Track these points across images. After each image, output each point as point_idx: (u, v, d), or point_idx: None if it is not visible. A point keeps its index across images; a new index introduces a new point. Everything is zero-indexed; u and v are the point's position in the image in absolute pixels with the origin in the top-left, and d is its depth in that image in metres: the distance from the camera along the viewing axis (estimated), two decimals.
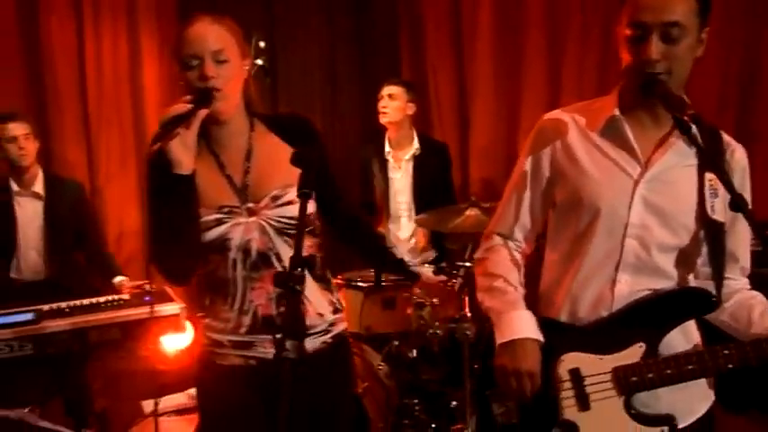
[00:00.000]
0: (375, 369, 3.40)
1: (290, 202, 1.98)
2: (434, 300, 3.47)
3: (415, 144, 4.23)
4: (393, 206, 4.21)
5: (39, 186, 3.84)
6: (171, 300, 3.49)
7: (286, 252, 1.99)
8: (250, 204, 1.98)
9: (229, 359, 2.05)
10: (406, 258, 2.52)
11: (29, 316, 3.23)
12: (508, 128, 4.83)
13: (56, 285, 3.78)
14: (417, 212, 4.09)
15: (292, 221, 1.98)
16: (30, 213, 3.81)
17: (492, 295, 1.97)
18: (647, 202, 1.81)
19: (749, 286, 1.94)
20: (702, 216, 1.80)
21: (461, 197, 4.67)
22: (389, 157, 4.23)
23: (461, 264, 3.45)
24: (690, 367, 1.77)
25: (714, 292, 1.83)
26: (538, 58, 4.67)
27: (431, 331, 3.43)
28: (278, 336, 1.40)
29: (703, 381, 1.89)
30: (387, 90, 4.20)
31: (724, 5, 4.07)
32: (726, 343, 1.77)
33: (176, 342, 4.14)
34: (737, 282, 1.92)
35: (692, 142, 1.77)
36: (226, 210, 1.96)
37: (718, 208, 1.80)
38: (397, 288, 3.49)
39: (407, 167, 4.21)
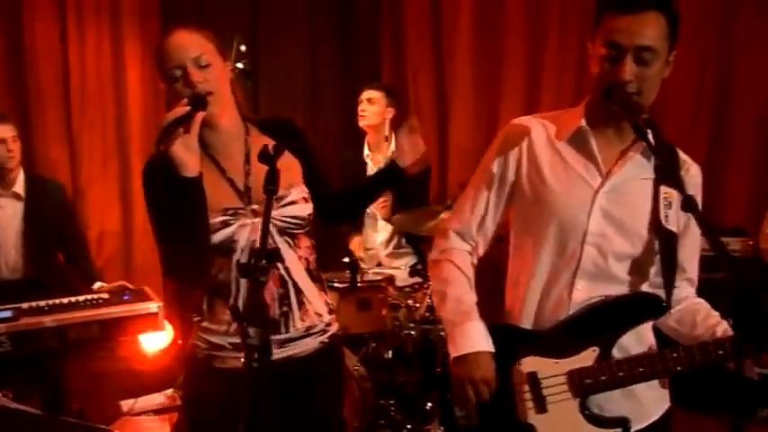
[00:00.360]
0: (351, 370, 3.44)
1: (293, 202, 2.05)
2: (409, 301, 3.53)
3: (393, 147, 4.28)
4: (371, 209, 4.26)
5: (19, 187, 3.86)
6: (149, 298, 3.51)
7: (287, 251, 2.05)
8: (254, 206, 2.02)
9: (229, 362, 2.05)
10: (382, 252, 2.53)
11: (7, 313, 3.24)
12: (487, 131, 4.89)
13: (36, 284, 3.79)
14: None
15: (296, 221, 2.06)
16: (9, 213, 3.83)
17: (445, 305, 2.01)
18: (605, 212, 1.88)
19: (694, 294, 2.02)
20: (656, 226, 1.86)
21: (440, 199, 4.74)
22: (368, 160, 4.29)
23: None
24: (641, 369, 1.83)
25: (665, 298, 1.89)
26: (517, 62, 4.75)
27: (405, 332, 3.49)
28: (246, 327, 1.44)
29: (658, 386, 1.95)
30: (366, 94, 4.26)
31: (698, 15, 4.17)
32: (675, 347, 1.83)
33: (155, 342, 4.19)
34: (684, 291, 1.99)
35: (649, 153, 1.85)
36: (230, 212, 2.00)
37: (672, 219, 1.87)
38: (372, 289, 3.54)
39: None
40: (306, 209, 2.10)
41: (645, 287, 1.94)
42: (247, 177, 2.05)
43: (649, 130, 1.75)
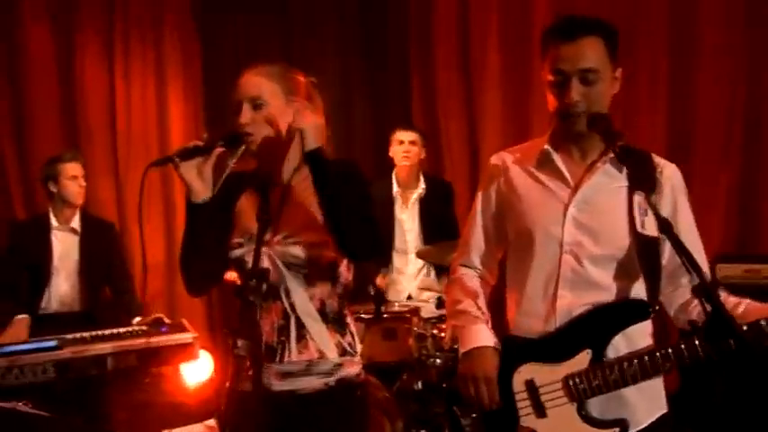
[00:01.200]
0: (378, 399, 3.51)
1: (296, 243, 2.10)
2: (434, 331, 3.61)
3: (422, 185, 4.43)
4: (400, 244, 4.39)
5: (76, 223, 4.09)
6: (186, 330, 3.66)
7: (296, 287, 2.11)
8: (267, 236, 2.11)
9: (243, 384, 2.13)
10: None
11: (52, 343, 3.42)
12: None
13: (86, 318, 3.99)
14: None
15: (298, 261, 2.09)
16: (67, 247, 4.05)
17: (456, 317, 2.20)
18: (577, 221, 2.01)
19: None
20: (634, 232, 1.96)
21: None
22: (398, 196, 4.43)
23: None
24: (632, 370, 1.92)
25: (680, 301, 2.03)
26: (545, 101, 4.79)
27: (431, 361, 3.56)
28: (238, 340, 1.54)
29: (655, 390, 2.04)
30: (408, 136, 4.46)
31: (726, 41, 4.25)
32: (664, 345, 1.92)
33: (196, 374, 4.33)
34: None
35: (619, 163, 1.97)
36: (248, 236, 2.12)
37: (649, 224, 1.95)
38: (397, 319, 3.63)
39: (414, 207, 4.43)
40: (311, 254, 2.10)
41: (633, 289, 2.03)
42: (278, 212, 2.13)
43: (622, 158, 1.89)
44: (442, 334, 3.61)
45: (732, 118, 4.33)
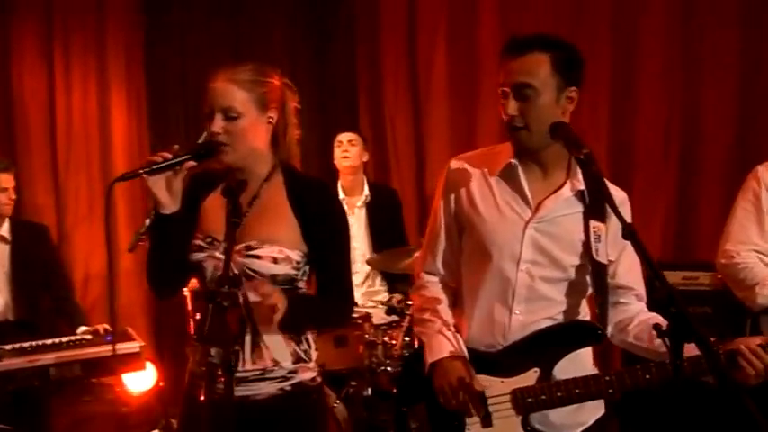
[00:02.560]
0: (328, 406, 3.50)
1: (258, 257, 2.06)
2: (385, 338, 3.62)
3: (366, 191, 4.42)
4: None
5: (5, 230, 3.95)
6: (132, 339, 3.59)
7: (254, 295, 2.06)
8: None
9: (201, 391, 2.10)
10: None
11: None
12: None
13: (23, 327, 3.85)
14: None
15: (256, 275, 2.06)
16: None
17: (422, 324, 2.23)
18: (535, 241, 2.05)
19: (646, 309, 2.13)
20: (589, 257, 2.03)
21: (419, 241, 4.83)
22: (343, 204, 4.39)
23: (411, 303, 3.60)
24: (577, 391, 1.98)
25: (616, 320, 2.09)
26: (492, 103, 4.78)
27: (382, 369, 3.57)
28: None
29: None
30: (346, 136, 4.43)
31: (663, 52, 4.39)
32: (608, 372, 1.99)
33: (139, 383, 4.25)
34: (635, 306, 2.12)
35: (579, 191, 2.04)
36: (209, 240, 2.11)
37: (602, 251, 2.03)
38: (348, 326, 3.62)
39: (360, 214, 4.40)
40: (270, 269, 2.07)
41: (583, 306, 2.12)
42: (242, 217, 2.08)
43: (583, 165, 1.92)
44: (393, 341, 3.62)
45: (669, 134, 4.45)
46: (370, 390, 3.74)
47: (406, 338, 3.64)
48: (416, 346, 2.59)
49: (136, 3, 5.08)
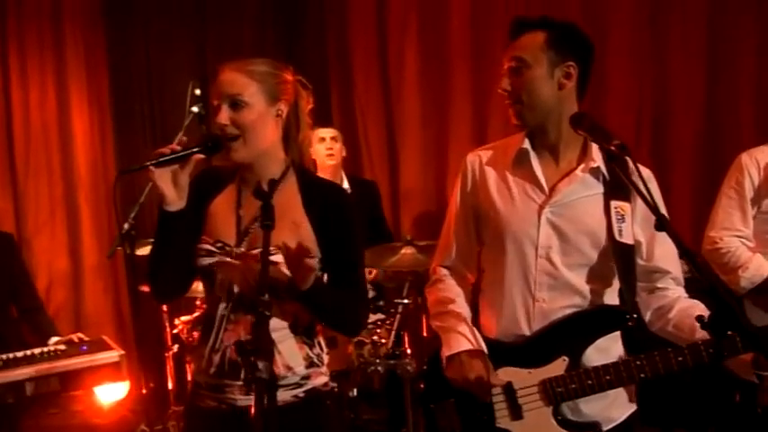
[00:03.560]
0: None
1: (275, 263, 1.95)
2: (373, 337, 3.55)
3: (345, 185, 4.31)
4: None
5: None
6: (109, 348, 3.43)
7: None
8: (242, 249, 2.01)
9: (206, 401, 2.07)
10: None
11: None
12: (437, 168, 4.99)
13: None
14: None
15: (273, 282, 1.92)
16: None
17: (439, 318, 2.20)
18: (552, 224, 2.03)
19: (686, 294, 2.10)
20: (611, 239, 1.99)
21: (395, 236, 4.78)
22: None
23: (399, 301, 3.55)
24: (608, 378, 1.96)
25: (654, 306, 2.06)
26: (464, 99, 4.86)
27: (371, 368, 3.50)
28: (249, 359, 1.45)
29: (623, 391, 2.07)
30: (328, 132, 4.30)
31: (633, 42, 4.43)
32: (639, 354, 1.96)
33: (111, 394, 4.09)
34: (674, 291, 2.09)
35: (597, 171, 2.02)
36: (219, 245, 2.01)
37: (626, 231, 2.00)
38: None
39: None
40: (286, 275, 1.98)
41: (607, 293, 2.07)
42: (254, 221, 2.02)
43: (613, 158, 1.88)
44: (383, 340, 3.55)
45: (641, 124, 4.49)
46: (355, 390, 3.68)
47: (394, 337, 3.58)
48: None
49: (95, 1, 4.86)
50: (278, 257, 1.96)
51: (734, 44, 4.21)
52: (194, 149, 1.91)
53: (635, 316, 2.02)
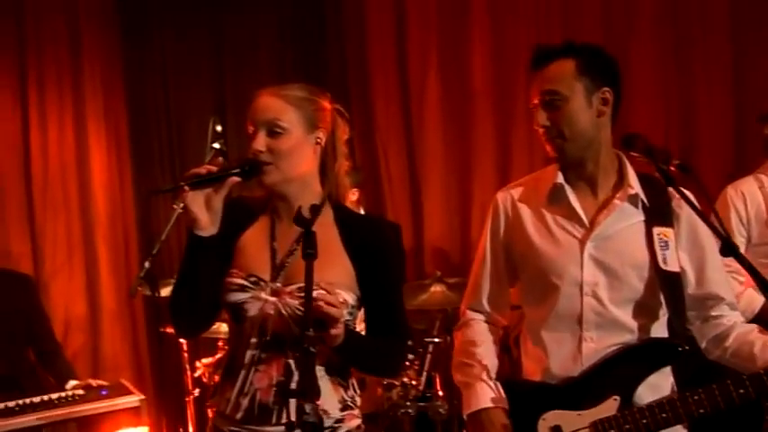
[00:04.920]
0: None
1: (314, 299, 1.85)
2: (404, 379, 3.43)
3: None
4: None
5: None
6: (129, 392, 3.33)
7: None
8: (278, 284, 1.91)
9: None
10: None
11: None
12: (460, 201, 4.91)
13: (5, 384, 3.54)
14: None
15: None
16: None
17: (461, 370, 2.11)
18: (595, 259, 1.95)
19: (742, 319, 2.03)
20: (656, 268, 1.90)
21: (417, 273, 4.68)
22: None
23: (429, 340, 3.44)
24: (663, 416, 1.85)
25: (711, 335, 1.98)
26: (486, 131, 4.81)
27: (402, 411, 3.38)
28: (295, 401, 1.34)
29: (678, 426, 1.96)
30: None
31: (656, 71, 4.39)
32: (695, 389, 1.85)
33: None
34: (729, 317, 2.00)
35: (636, 198, 1.94)
36: (252, 279, 1.91)
37: (671, 258, 1.92)
38: None
39: None
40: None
41: (655, 328, 1.98)
42: (289, 255, 1.93)
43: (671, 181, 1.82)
44: (413, 382, 3.43)
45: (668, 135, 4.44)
46: None
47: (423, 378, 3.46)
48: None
49: (112, 35, 4.82)
50: (317, 293, 1.84)
51: (760, 71, 4.17)
52: (232, 171, 1.82)
53: (686, 347, 1.91)
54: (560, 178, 2.00)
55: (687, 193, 1.94)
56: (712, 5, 4.31)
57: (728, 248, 1.63)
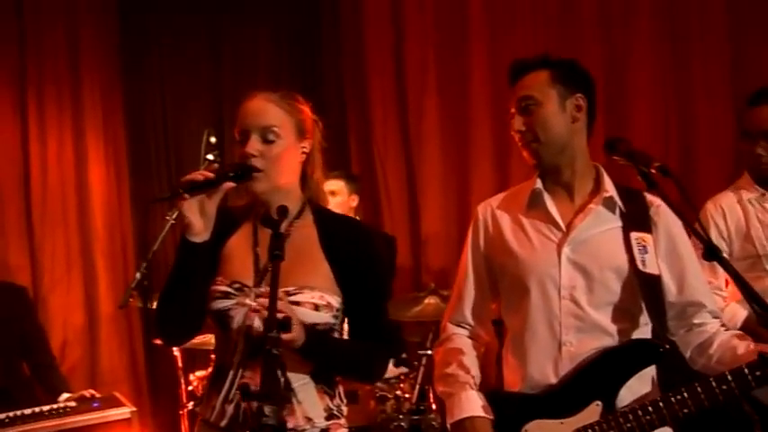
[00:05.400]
0: None
1: (298, 303, 1.86)
2: (397, 392, 3.40)
3: None
4: None
5: None
6: (121, 404, 3.32)
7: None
8: (262, 289, 1.89)
9: None
10: None
11: None
12: (458, 213, 4.87)
13: (0, 396, 3.54)
14: None
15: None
16: None
17: (444, 381, 2.08)
18: (573, 262, 1.96)
19: (724, 327, 2.01)
20: (635, 271, 1.90)
21: (414, 285, 4.64)
22: None
23: (423, 353, 3.41)
24: (648, 418, 1.83)
25: (695, 343, 1.97)
26: (484, 143, 4.78)
27: (395, 424, 3.34)
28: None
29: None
30: (328, 186, 4.09)
31: (655, 82, 4.40)
32: (677, 389, 1.83)
33: None
34: (712, 325, 1.99)
35: (612, 203, 1.98)
36: (236, 286, 1.90)
37: (650, 262, 1.92)
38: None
39: None
40: (311, 317, 1.87)
41: (636, 332, 1.96)
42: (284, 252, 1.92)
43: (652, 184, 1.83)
44: (407, 395, 3.39)
45: (667, 154, 4.43)
46: None
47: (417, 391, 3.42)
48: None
49: (111, 48, 4.84)
50: (301, 297, 1.86)
51: (759, 69, 4.18)
52: (229, 175, 1.82)
53: (667, 346, 1.90)
54: (539, 184, 2.03)
55: (650, 198, 1.99)
56: (710, 3, 4.33)
57: (711, 253, 1.62)
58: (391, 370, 3.66)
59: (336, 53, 5.21)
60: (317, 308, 1.88)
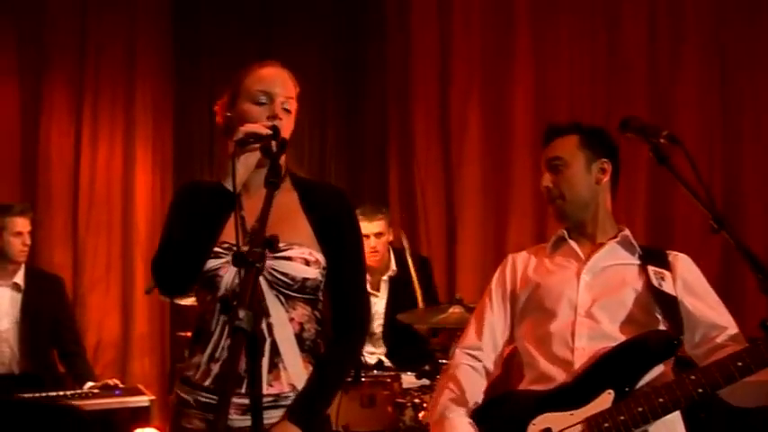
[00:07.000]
0: None
1: (289, 258, 1.88)
2: (415, 400, 3.34)
3: (393, 266, 4.12)
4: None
5: (19, 278, 3.79)
6: (141, 393, 3.39)
7: (276, 309, 1.89)
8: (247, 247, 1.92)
9: (194, 422, 1.89)
10: None
11: None
12: (495, 242, 4.85)
13: (30, 380, 3.64)
14: (393, 334, 3.99)
15: (286, 279, 1.88)
16: (6, 304, 3.73)
17: (434, 410, 2.11)
18: (590, 286, 2.05)
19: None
20: (651, 288, 1.97)
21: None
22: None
23: (445, 362, 3.34)
24: (660, 400, 1.79)
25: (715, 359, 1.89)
26: (525, 173, 4.76)
27: None
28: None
29: (675, 425, 1.94)
30: (371, 228, 3.96)
31: (702, 125, 4.36)
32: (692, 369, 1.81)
33: None
34: (734, 347, 1.93)
35: (629, 243, 2.10)
36: (226, 246, 1.90)
37: (668, 286, 1.99)
38: (377, 384, 3.36)
39: (385, 289, 4.10)
40: (302, 271, 1.88)
41: None
42: (257, 221, 1.92)
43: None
44: (425, 404, 3.33)
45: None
46: None
47: None
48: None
49: (166, 61, 5.05)
50: (292, 252, 1.88)
51: None
52: (270, 132, 1.81)
53: (681, 337, 1.90)
54: (563, 232, 2.17)
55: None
56: (758, 36, 4.31)
57: (719, 223, 1.61)
58: (413, 381, 3.61)
59: (381, 79, 5.30)
60: (307, 263, 1.90)
